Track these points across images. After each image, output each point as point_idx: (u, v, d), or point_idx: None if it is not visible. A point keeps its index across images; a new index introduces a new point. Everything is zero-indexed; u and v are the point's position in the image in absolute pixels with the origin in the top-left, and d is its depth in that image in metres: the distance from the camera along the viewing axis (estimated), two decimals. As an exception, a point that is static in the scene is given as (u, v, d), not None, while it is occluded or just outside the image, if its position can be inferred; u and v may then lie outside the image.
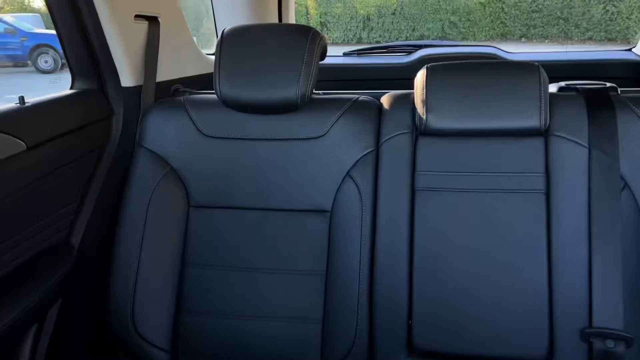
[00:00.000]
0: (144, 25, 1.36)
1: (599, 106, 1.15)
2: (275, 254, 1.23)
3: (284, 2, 2.11)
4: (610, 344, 1.05)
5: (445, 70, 1.19)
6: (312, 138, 1.23)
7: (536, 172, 1.14)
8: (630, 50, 2.02)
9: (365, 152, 1.22)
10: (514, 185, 1.15)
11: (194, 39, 1.64)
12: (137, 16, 1.32)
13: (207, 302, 1.22)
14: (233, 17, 1.93)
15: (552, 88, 1.28)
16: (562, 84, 1.27)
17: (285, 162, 1.24)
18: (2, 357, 1.08)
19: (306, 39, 1.21)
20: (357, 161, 1.21)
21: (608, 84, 1.23)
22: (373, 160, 1.22)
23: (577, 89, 1.23)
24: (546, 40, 9.05)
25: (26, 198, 1.07)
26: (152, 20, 1.38)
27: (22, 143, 1.04)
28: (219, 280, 1.23)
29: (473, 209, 1.16)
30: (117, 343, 1.22)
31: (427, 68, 1.21)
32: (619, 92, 1.21)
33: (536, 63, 1.17)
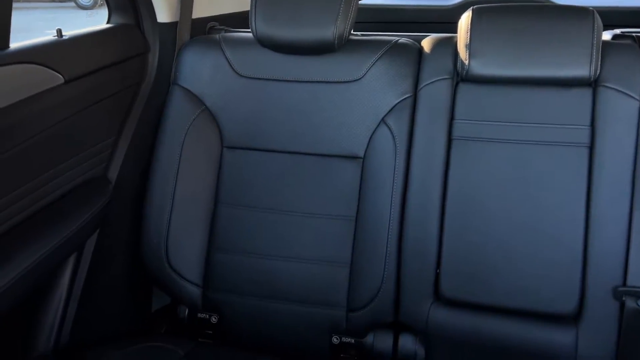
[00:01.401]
0: None
1: None
2: (306, 197, 1.23)
3: None
4: None
5: (492, 12, 1.13)
6: (348, 81, 1.20)
7: (581, 124, 1.09)
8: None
9: (402, 98, 1.18)
10: (556, 138, 1.10)
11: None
12: None
13: (237, 241, 1.25)
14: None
15: (606, 36, 1.20)
16: (618, 31, 1.19)
17: (320, 105, 1.22)
18: (43, 285, 1.13)
19: None
20: (393, 107, 1.18)
21: None
22: (410, 106, 1.19)
23: (633, 38, 1.15)
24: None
25: (64, 131, 1.09)
26: None
27: (60, 76, 1.04)
28: (250, 220, 1.25)
29: (511, 160, 1.13)
30: (151, 275, 1.27)
31: (472, 10, 1.15)
32: None
33: (591, 8, 1.10)
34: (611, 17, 1.56)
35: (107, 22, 1.29)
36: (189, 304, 1.26)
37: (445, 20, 1.92)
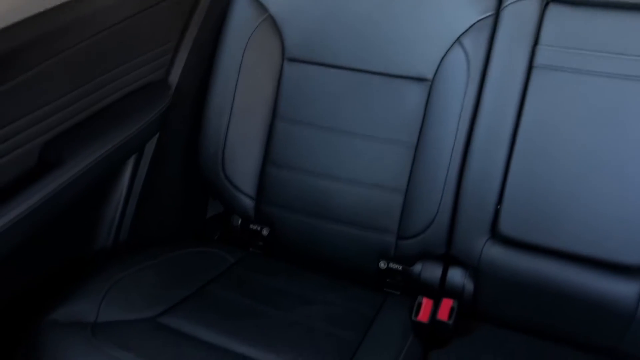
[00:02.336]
0: None
1: None
2: (367, 119, 1.17)
3: None
4: None
5: None
6: None
7: None
8: None
9: (482, 16, 1.07)
10: None
11: None
12: None
13: (292, 157, 1.23)
14: None
15: None
16: None
17: (390, 20, 1.13)
18: (106, 184, 1.17)
19: None
20: (471, 26, 1.08)
21: None
22: (490, 26, 1.07)
23: None
24: None
25: (123, 33, 1.07)
26: None
27: None
28: (307, 137, 1.22)
29: (601, 96, 1.01)
30: (207, 183, 1.28)
31: None
32: None
33: None
34: None
35: None
36: (242, 214, 1.28)
37: None
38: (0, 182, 0.91)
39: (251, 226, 1.27)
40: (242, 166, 1.25)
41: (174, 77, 1.25)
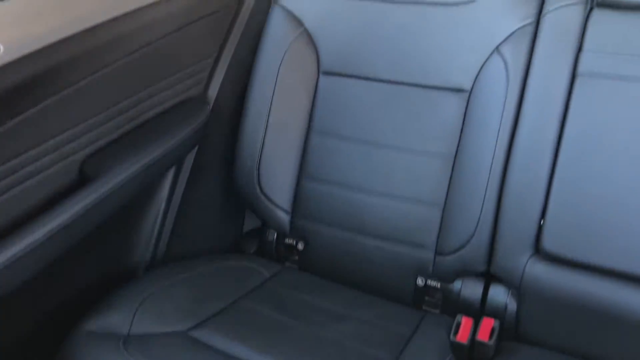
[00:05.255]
0: None
1: None
2: (403, 131, 1.15)
3: None
4: None
5: None
6: (460, 3, 1.08)
7: None
8: None
9: (522, 24, 1.03)
10: None
11: None
12: None
13: (329, 171, 1.21)
14: None
15: None
16: None
17: (427, 31, 1.11)
18: (144, 197, 1.19)
19: None
20: (511, 34, 1.04)
21: None
22: (530, 34, 1.03)
23: None
24: None
25: (164, 48, 1.10)
26: None
27: None
28: (343, 150, 1.20)
29: None
30: (243, 197, 1.29)
31: None
32: None
33: None
34: None
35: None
36: (278, 228, 1.27)
37: None
38: (40, 195, 0.94)
39: (286, 240, 1.27)
40: (278, 180, 1.25)
41: (213, 92, 1.27)
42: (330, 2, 1.17)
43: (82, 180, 1.00)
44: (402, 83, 1.14)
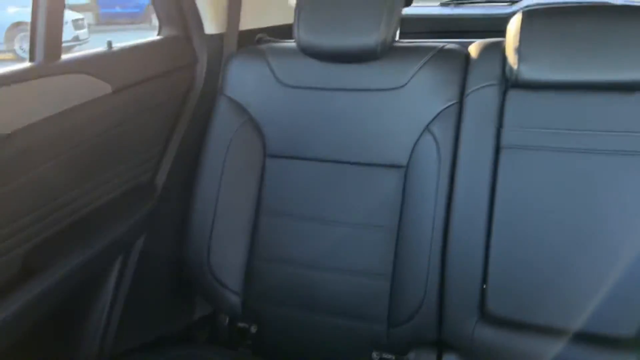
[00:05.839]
0: None
1: None
2: (349, 207, 1.20)
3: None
4: None
5: (543, 14, 1.07)
6: (392, 89, 1.17)
7: None
8: None
9: (447, 105, 1.14)
10: (618, 146, 1.02)
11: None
12: None
13: (278, 251, 1.24)
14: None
15: None
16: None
17: (363, 114, 1.20)
18: (91, 284, 1.17)
19: None
20: (438, 114, 1.14)
21: None
22: (456, 113, 1.14)
23: None
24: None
25: (112, 139, 1.13)
26: None
27: (108, 86, 1.08)
28: (292, 229, 1.23)
29: (567, 170, 1.05)
30: (193, 282, 1.28)
31: (523, 12, 1.09)
32: None
33: None
34: None
35: (158, 34, 1.33)
36: (230, 312, 1.26)
37: (503, 29, 1.85)
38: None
39: (239, 324, 1.25)
40: (228, 262, 1.25)
41: (160, 178, 1.30)
42: (273, 91, 1.25)
43: (25, 273, 0.98)
44: (345, 162, 1.21)
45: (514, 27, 1.09)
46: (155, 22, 1.36)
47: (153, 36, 1.32)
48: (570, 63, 1.03)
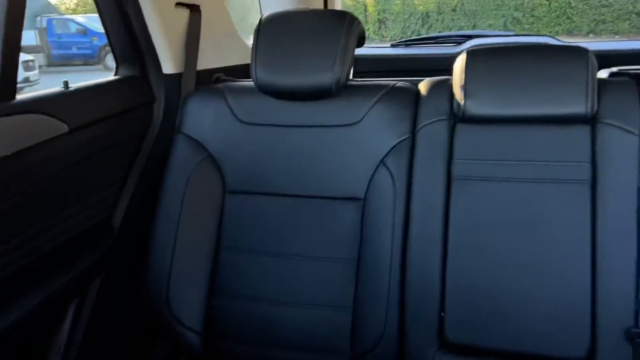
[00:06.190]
0: (185, 13, 1.38)
1: None
2: (309, 240, 1.22)
3: (329, -12, 2.11)
4: None
5: (486, 54, 1.15)
6: (347, 125, 1.22)
7: (581, 161, 1.07)
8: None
9: (400, 139, 1.19)
10: (557, 175, 1.08)
11: (249, 26, 1.65)
12: (178, 4, 1.35)
13: (240, 287, 1.23)
14: (278, 6, 1.94)
15: (603, 74, 1.20)
16: (614, 69, 1.19)
17: (320, 149, 1.23)
18: (45, 329, 1.13)
19: (342, 23, 1.19)
20: (392, 148, 1.19)
21: None
22: (408, 147, 1.19)
23: (629, 75, 1.15)
24: (616, 36, 8.57)
25: (69, 178, 1.12)
26: (194, 9, 1.40)
27: (65, 125, 1.08)
28: (253, 265, 1.24)
29: (513, 199, 1.11)
30: (153, 322, 1.25)
31: (467, 52, 1.16)
32: None
33: (588, 48, 1.11)
34: (612, 59, 1.57)
35: (115, 74, 1.34)
36: (190, 352, 1.24)
37: (451, 68, 1.95)
38: None
39: None
40: (188, 301, 1.24)
41: (117, 218, 1.28)
42: (232, 128, 1.27)
43: None
44: (304, 196, 1.23)
45: (459, 66, 1.16)
46: (109, 63, 1.37)
47: (108, 77, 1.33)
48: (510, 99, 1.10)
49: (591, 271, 1.04)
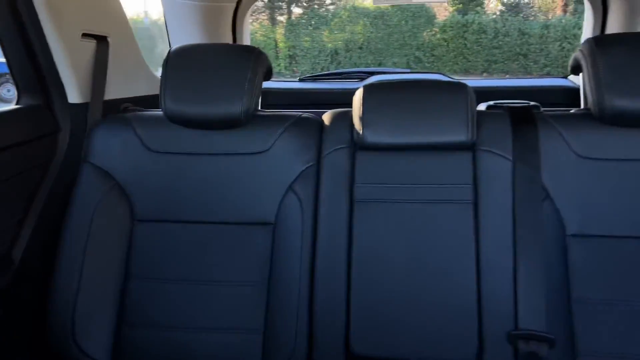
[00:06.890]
0: (92, 43, 1.39)
1: (523, 122, 1.22)
2: (219, 265, 1.25)
3: (238, 24, 2.18)
4: (534, 345, 1.10)
5: (380, 88, 1.26)
6: (256, 153, 1.27)
7: (465, 183, 1.20)
8: (565, 77, 2.14)
9: (306, 166, 1.26)
10: (444, 196, 1.20)
11: (157, 58, 1.67)
12: (85, 35, 1.35)
13: (150, 315, 1.23)
14: (187, 39, 1.98)
15: (482, 107, 1.35)
16: (491, 102, 1.35)
17: (230, 177, 1.27)
18: None
19: (250, 56, 1.26)
20: (299, 175, 1.25)
21: (532, 103, 1.31)
22: (314, 173, 1.26)
23: (503, 107, 1.31)
24: (507, 75, 9.39)
25: None
26: (101, 40, 1.41)
27: None
28: (163, 292, 1.24)
29: (408, 218, 1.21)
30: (57, 357, 1.21)
31: (364, 87, 1.27)
32: (541, 110, 1.29)
33: (467, 84, 1.25)
34: (494, 95, 1.76)
35: (17, 103, 1.31)
36: (97, 386, 1.21)
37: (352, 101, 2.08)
38: None
39: None
40: (95, 332, 1.21)
41: (18, 251, 1.24)
42: (140, 157, 1.28)
43: None
44: (216, 222, 1.26)
45: (357, 98, 1.27)
46: (4, 94, 1.34)
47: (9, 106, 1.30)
48: (403, 128, 1.22)
49: (476, 281, 1.16)
